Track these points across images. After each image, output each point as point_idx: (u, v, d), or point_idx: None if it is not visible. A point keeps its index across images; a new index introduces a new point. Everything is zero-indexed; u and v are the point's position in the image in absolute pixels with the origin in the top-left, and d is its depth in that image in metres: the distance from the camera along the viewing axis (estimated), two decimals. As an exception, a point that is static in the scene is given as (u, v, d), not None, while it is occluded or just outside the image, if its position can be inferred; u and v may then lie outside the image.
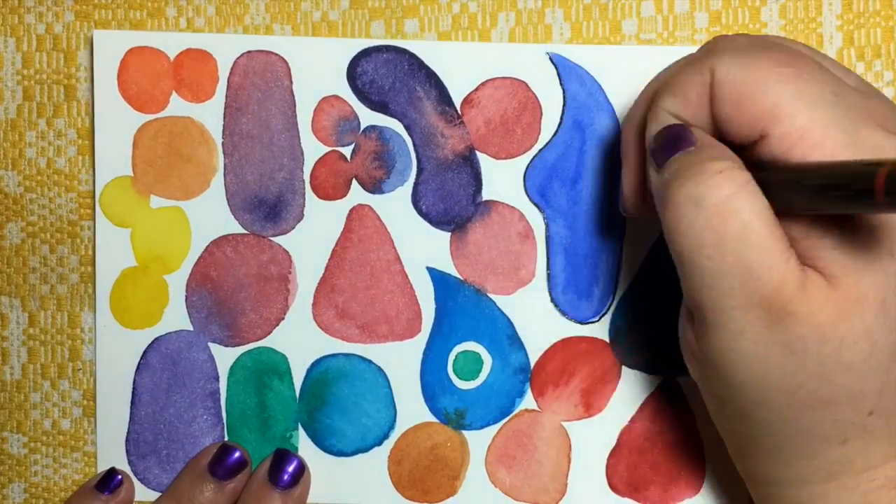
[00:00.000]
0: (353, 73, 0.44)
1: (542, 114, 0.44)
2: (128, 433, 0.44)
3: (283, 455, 0.43)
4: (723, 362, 0.33)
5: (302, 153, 0.44)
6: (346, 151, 0.44)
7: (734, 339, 0.32)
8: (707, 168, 0.32)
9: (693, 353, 0.35)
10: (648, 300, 0.44)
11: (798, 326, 0.31)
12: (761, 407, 0.33)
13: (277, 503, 0.42)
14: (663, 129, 0.34)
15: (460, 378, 0.44)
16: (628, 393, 0.44)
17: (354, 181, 0.44)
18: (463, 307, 0.44)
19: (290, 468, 0.43)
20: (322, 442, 0.44)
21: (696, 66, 0.34)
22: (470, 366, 0.44)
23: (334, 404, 0.44)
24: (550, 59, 0.44)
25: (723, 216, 0.31)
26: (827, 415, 0.33)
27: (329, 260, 0.44)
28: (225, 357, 0.44)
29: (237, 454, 0.43)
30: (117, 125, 0.44)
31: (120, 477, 0.43)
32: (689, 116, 0.34)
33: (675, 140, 0.33)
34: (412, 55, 0.44)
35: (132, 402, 0.44)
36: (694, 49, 0.43)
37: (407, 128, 0.44)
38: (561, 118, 0.44)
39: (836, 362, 0.32)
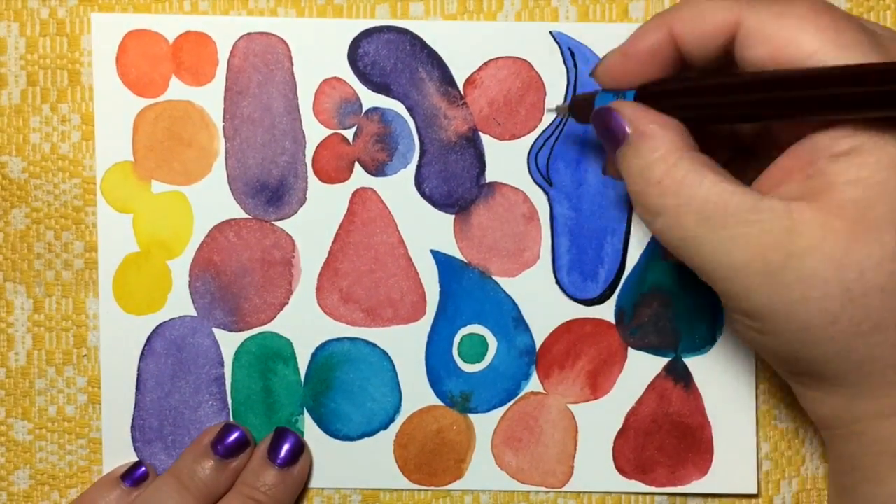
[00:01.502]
0: (355, 54, 0.43)
1: (545, 93, 0.43)
2: (133, 419, 0.44)
3: (282, 433, 0.43)
4: (753, 317, 0.34)
5: (304, 136, 0.44)
6: (349, 134, 0.44)
7: (750, 296, 0.33)
8: (648, 177, 0.34)
9: (733, 320, 0.36)
10: (654, 281, 0.44)
11: (805, 260, 0.32)
12: (810, 347, 0.34)
13: (275, 480, 0.42)
14: (596, 112, 0.36)
15: (465, 361, 0.44)
16: (634, 374, 0.44)
17: (357, 164, 0.44)
18: (467, 290, 0.44)
19: (288, 445, 0.43)
20: (327, 426, 0.44)
21: (724, 3, 0.34)
22: (475, 349, 0.44)
23: (339, 388, 0.44)
24: (554, 37, 0.43)
25: (677, 214, 0.34)
26: (883, 339, 0.33)
27: (332, 244, 0.44)
28: (229, 342, 0.44)
29: (239, 433, 0.43)
30: (117, 110, 0.44)
31: (145, 469, 0.43)
32: (688, 41, 0.35)
33: (609, 128, 0.36)
34: (414, 35, 0.43)
35: (137, 389, 0.44)
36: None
37: (409, 109, 0.44)
38: (565, 97, 0.43)
39: (865, 287, 0.32)
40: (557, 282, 0.44)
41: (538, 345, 0.44)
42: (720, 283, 0.34)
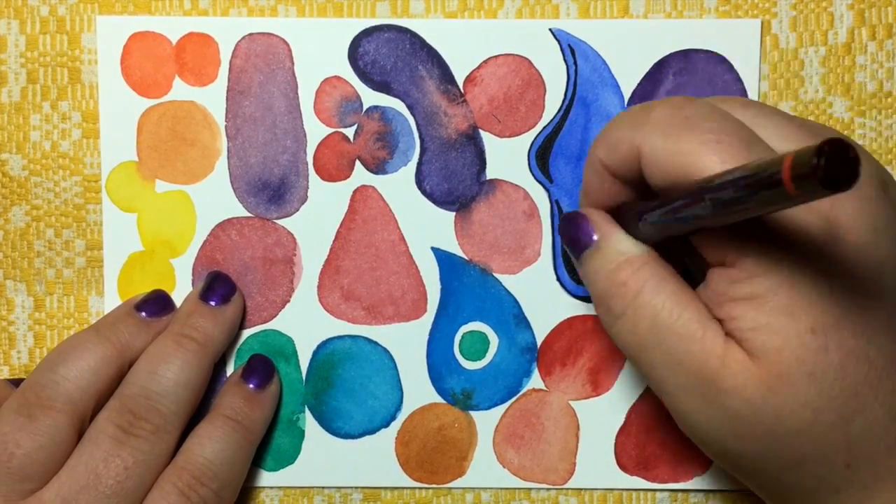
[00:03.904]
0: (355, 53, 0.43)
1: (545, 90, 0.44)
2: (135, 417, 0.44)
3: (216, 276, 0.43)
4: (695, 438, 0.36)
5: (305, 135, 0.44)
6: (349, 132, 0.44)
7: (689, 417, 0.35)
8: (612, 280, 0.36)
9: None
10: (655, 277, 0.44)
11: (731, 400, 0.33)
12: (742, 472, 0.36)
13: (207, 321, 0.42)
14: (565, 217, 0.39)
15: (467, 358, 0.44)
16: (636, 371, 0.44)
17: (358, 162, 0.44)
18: (468, 287, 0.44)
19: (221, 289, 0.43)
20: (329, 424, 0.44)
21: (628, 131, 0.36)
22: (476, 346, 0.44)
23: (340, 386, 0.44)
24: (554, 34, 0.43)
25: (635, 318, 0.35)
26: (803, 472, 0.34)
27: (333, 242, 0.44)
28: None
29: (166, 295, 0.43)
30: (121, 110, 0.44)
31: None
32: (617, 166, 0.37)
33: (577, 232, 0.38)
34: (413, 34, 0.43)
35: (139, 386, 0.44)
36: (702, 22, 0.43)
37: (409, 107, 0.44)
38: (565, 95, 0.44)
39: (783, 430, 0.33)
40: (558, 279, 0.44)
41: (539, 342, 0.44)
42: (666, 399, 0.36)
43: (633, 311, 0.35)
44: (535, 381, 0.44)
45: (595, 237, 0.37)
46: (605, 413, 0.44)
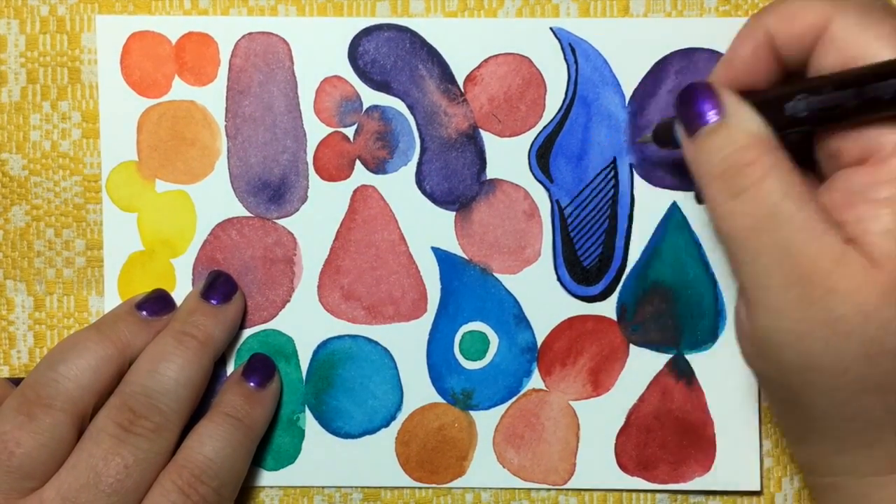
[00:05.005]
0: (355, 52, 0.43)
1: (546, 90, 0.44)
2: (135, 417, 0.44)
3: (217, 274, 0.43)
4: (768, 341, 0.34)
5: (305, 134, 0.44)
6: (349, 132, 0.44)
7: (777, 317, 0.33)
8: (738, 159, 0.33)
9: (744, 333, 0.35)
10: (655, 277, 0.44)
11: (839, 304, 0.32)
12: (810, 389, 0.34)
13: (208, 319, 0.42)
14: (688, 86, 0.35)
15: (467, 358, 0.44)
16: (636, 371, 0.44)
17: (358, 162, 0.44)
18: (469, 287, 0.44)
19: (222, 287, 0.43)
20: (329, 424, 0.44)
21: (818, 3, 0.34)
22: (476, 346, 0.44)
23: (341, 386, 0.44)
24: (554, 33, 0.43)
25: (756, 200, 0.33)
26: (878, 401, 0.33)
27: (334, 241, 0.44)
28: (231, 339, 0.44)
29: (167, 294, 0.43)
30: (121, 110, 0.44)
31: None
32: (787, 40, 0.35)
33: (702, 105, 0.35)
34: (413, 33, 0.43)
35: (139, 386, 0.44)
36: (703, 21, 0.43)
37: (409, 107, 0.44)
38: (566, 94, 0.43)
39: (882, 346, 0.32)
40: (559, 279, 0.44)
41: (539, 342, 0.44)
42: (756, 292, 0.34)
43: (754, 192, 0.33)
44: (535, 381, 0.44)
45: (720, 114, 0.34)
46: (605, 413, 0.44)
